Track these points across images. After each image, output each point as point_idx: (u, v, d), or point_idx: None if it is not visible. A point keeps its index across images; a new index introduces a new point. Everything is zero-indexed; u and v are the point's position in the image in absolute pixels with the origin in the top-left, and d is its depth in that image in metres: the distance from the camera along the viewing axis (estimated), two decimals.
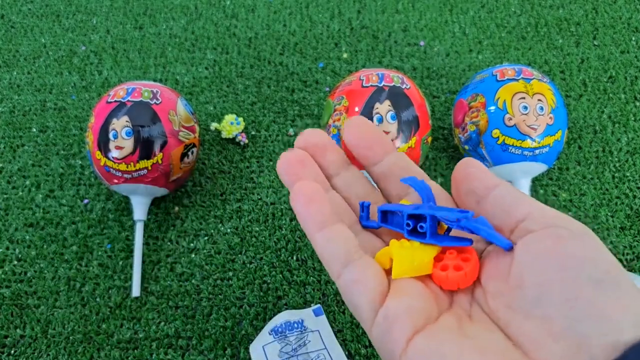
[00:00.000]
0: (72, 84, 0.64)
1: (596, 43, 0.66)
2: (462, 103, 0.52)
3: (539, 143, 0.48)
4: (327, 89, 0.63)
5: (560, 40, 0.67)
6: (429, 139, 0.52)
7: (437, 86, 0.63)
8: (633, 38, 0.67)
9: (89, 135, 0.49)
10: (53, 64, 0.66)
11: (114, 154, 0.47)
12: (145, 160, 0.48)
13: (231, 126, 0.57)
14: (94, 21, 0.71)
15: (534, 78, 0.50)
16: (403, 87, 0.49)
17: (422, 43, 0.67)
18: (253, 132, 0.60)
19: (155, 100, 0.49)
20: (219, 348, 0.46)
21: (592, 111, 0.60)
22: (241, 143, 0.58)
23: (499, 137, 0.49)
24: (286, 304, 0.48)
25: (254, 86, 0.63)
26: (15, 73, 0.66)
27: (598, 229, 0.52)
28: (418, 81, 0.63)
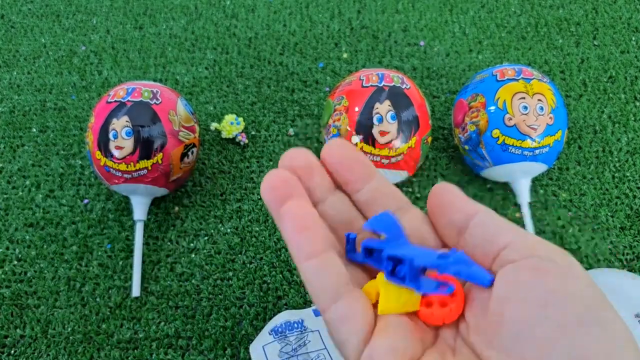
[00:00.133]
0: (72, 84, 0.64)
1: (596, 43, 0.66)
2: (462, 103, 0.52)
3: (539, 143, 0.48)
4: (327, 89, 0.63)
5: (560, 40, 0.67)
6: (429, 139, 0.52)
7: (437, 86, 0.63)
8: (633, 38, 0.67)
9: (89, 135, 0.49)
10: (53, 64, 0.66)
11: (114, 154, 0.47)
12: (145, 160, 0.48)
13: (231, 126, 0.57)
14: (94, 21, 0.71)
15: (534, 78, 0.50)
16: (403, 87, 0.49)
17: (422, 43, 0.67)
18: (253, 132, 0.60)
19: (155, 100, 0.49)
20: (219, 348, 0.46)
21: (592, 111, 0.60)
22: (241, 143, 0.58)
23: (499, 137, 0.49)
24: (286, 304, 0.48)
25: (254, 86, 0.63)
26: (15, 73, 0.66)
27: (598, 229, 0.52)
28: (418, 81, 0.63)
